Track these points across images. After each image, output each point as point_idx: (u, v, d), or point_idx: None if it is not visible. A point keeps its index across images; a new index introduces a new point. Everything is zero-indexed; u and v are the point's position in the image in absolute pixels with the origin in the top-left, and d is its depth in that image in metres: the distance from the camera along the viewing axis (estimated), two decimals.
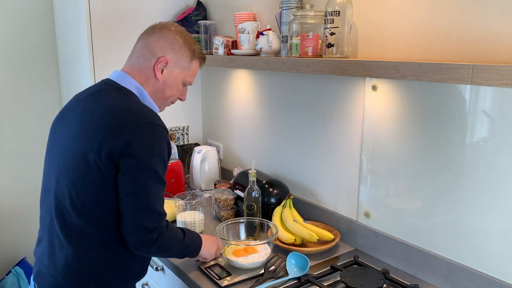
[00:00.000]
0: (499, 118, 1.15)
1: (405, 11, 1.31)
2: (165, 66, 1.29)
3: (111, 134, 1.14)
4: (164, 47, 1.29)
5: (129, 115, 1.16)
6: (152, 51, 1.29)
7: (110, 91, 1.25)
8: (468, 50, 1.17)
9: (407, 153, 1.39)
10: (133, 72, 1.29)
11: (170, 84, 1.32)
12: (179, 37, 1.31)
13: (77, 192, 1.17)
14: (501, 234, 1.18)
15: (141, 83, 1.28)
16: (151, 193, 1.16)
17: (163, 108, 1.37)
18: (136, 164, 1.14)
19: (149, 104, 1.29)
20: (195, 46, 1.35)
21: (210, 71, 2.37)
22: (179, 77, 1.33)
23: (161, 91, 1.31)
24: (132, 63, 1.31)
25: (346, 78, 1.56)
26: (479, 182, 1.21)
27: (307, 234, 1.54)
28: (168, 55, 1.29)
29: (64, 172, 1.19)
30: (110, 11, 2.10)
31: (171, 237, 1.23)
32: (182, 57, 1.31)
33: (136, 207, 1.15)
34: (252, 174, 1.66)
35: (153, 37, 1.30)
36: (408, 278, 1.38)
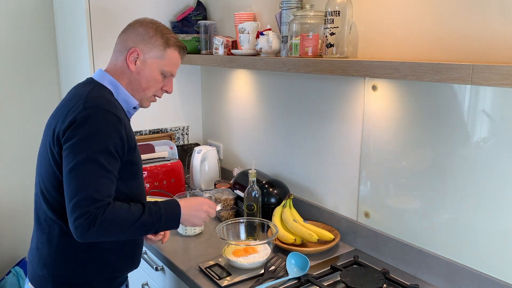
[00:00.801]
0: (499, 118, 1.15)
1: (405, 11, 1.31)
2: (138, 58, 1.30)
3: (62, 118, 1.18)
4: (135, 39, 1.31)
5: (79, 101, 1.18)
6: (124, 45, 1.32)
7: (81, 85, 1.30)
8: (468, 50, 1.17)
9: (407, 153, 1.39)
10: (111, 69, 1.33)
11: (146, 75, 1.31)
12: (149, 28, 1.32)
13: (44, 181, 1.23)
14: (501, 234, 1.18)
15: (116, 77, 1.31)
16: (82, 176, 1.11)
17: (146, 103, 1.37)
18: (72, 145, 1.13)
19: (125, 97, 1.31)
20: (170, 35, 1.34)
21: (210, 71, 2.37)
22: (154, 67, 1.32)
23: (137, 82, 1.31)
24: (111, 60, 1.35)
25: (346, 78, 1.56)
26: (479, 182, 1.21)
27: (307, 234, 1.54)
28: (138, 45, 1.30)
29: (40, 163, 1.27)
30: (110, 11, 2.10)
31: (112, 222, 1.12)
32: (154, 46, 1.31)
33: (68, 190, 1.12)
34: (252, 174, 1.66)
35: (127, 33, 1.33)
36: (408, 278, 1.38)
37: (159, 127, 2.36)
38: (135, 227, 1.17)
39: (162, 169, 2.01)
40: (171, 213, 1.25)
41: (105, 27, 2.09)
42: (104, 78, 1.30)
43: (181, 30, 2.24)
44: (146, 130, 2.32)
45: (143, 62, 1.31)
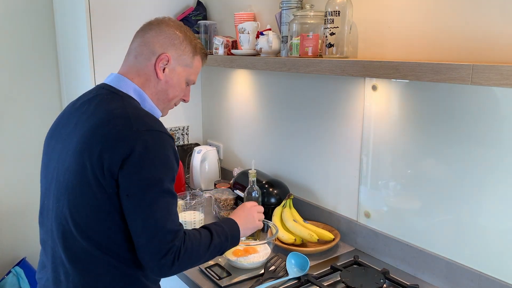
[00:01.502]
0: (499, 118, 1.15)
1: (405, 11, 1.31)
2: (167, 64, 1.17)
3: (109, 145, 1.01)
4: (164, 43, 1.17)
5: (127, 123, 1.04)
6: (151, 48, 1.17)
7: (106, 96, 1.12)
8: (468, 50, 1.17)
9: (407, 153, 1.39)
10: (132, 74, 1.17)
11: (173, 84, 1.20)
12: (179, 31, 1.20)
13: (79, 212, 1.04)
14: (501, 234, 1.18)
15: (141, 85, 1.17)
16: (159, 211, 1.02)
17: (166, 112, 1.26)
18: (139, 179, 1.01)
19: (151, 109, 1.18)
20: (196, 41, 1.24)
21: (210, 71, 2.37)
22: (182, 76, 1.21)
23: (164, 92, 1.20)
24: (130, 64, 1.19)
25: (346, 78, 1.56)
26: (479, 182, 1.21)
27: (307, 234, 1.54)
28: (169, 51, 1.17)
29: (64, 191, 1.07)
30: (110, 10, 2.10)
31: (192, 252, 1.07)
32: (184, 53, 1.20)
33: (144, 229, 1.01)
34: (252, 174, 1.66)
35: (151, 33, 1.18)
36: (408, 278, 1.38)
37: None
38: (209, 252, 1.13)
39: None
40: (233, 231, 1.21)
41: (105, 27, 2.09)
42: (129, 86, 1.15)
43: None
44: None
45: (173, 70, 1.19)
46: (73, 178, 1.05)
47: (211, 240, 1.13)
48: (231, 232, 1.20)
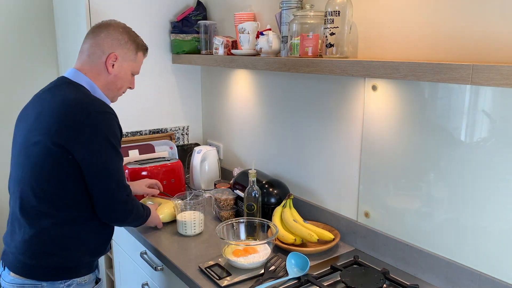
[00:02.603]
0: (499, 118, 1.15)
1: (405, 11, 1.31)
2: (115, 61, 1.45)
3: (65, 123, 1.28)
4: (112, 44, 1.45)
5: (78, 105, 1.32)
6: (102, 49, 1.44)
7: (63, 86, 1.40)
8: (468, 50, 1.17)
9: (407, 153, 1.39)
10: (85, 69, 1.44)
11: (121, 76, 1.49)
12: (123, 33, 1.48)
13: (36, 178, 1.31)
14: (501, 234, 1.18)
15: (93, 78, 1.44)
16: (115, 170, 1.35)
17: (115, 99, 1.54)
18: (94, 147, 1.30)
19: (100, 96, 1.44)
20: (138, 39, 1.52)
21: (210, 71, 2.37)
22: (128, 69, 1.50)
23: (113, 83, 1.48)
24: (83, 61, 1.46)
25: (346, 78, 1.56)
26: (479, 182, 1.21)
27: (307, 234, 1.54)
28: (116, 51, 1.45)
29: (25, 161, 1.34)
30: (110, 10, 2.10)
31: (138, 207, 1.47)
32: (128, 51, 1.48)
33: (105, 185, 1.33)
34: (252, 174, 1.66)
35: (101, 36, 1.45)
36: (408, 278, 1.38)
37: (159, 127, 2.36)
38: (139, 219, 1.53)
39: (162, 169, 2.01)
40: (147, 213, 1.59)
41: None
42: (82, 79, 1.43)
43: (181, 30, 2.24)
44: (146, 130, 2.32)
45: (120, 66, 1.47)
46: (33, 151, 1.31)
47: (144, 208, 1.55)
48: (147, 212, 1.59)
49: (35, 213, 1.32)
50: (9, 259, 1.37)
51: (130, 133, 2.25)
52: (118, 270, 2.13)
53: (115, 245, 2.10)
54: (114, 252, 2.13)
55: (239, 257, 1.42)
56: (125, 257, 2.01)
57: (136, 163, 2.02)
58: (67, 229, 1.34)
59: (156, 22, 2.25)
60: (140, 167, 1.97)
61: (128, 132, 2.25)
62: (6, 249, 1.40)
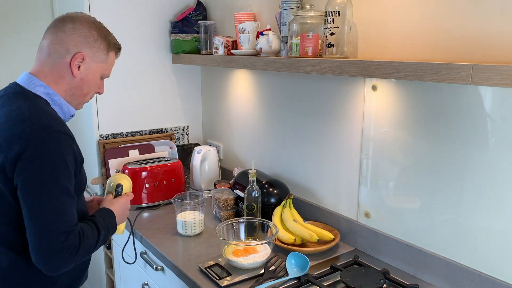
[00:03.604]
0: (499, 118, 1.15)
1: (405, 11, 1.31)
2: (82, 62, 1.20)
3: (4, 146, 1.05)
4: (78, 41, 1.19)
5: (23, 123, 1.06)
6: (65, 47, 1.18)
7: (11, 96, 1.15)
8: (468, 50, 1.17)
9: (407, 153, 1.39)
10: (43, 72, 1.19)
11: (88, 80, 1.23)
12: (92, 28, 1.22)
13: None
14: (501, 234, 1.18)
15: (53, 82, 1.19)
16: (52, 211, 1.04)
17: (80, 106, 1.29)
18: (31, 177, 1.03)
19: (62, 106, 1.20)
20: (110, 37, 1.27)
21: (210, 71, 2.37)
22: (97, 72, 1.25)
23: (79, 88, 1.23)
24: (42, 62, 1.20)
25: (346, 78, 1.56)
26: (479, 182, 1.21)
27: (307, 234, 1.54)
28: (83, 50, 1.19)
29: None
30: (110, 11, 2.10)
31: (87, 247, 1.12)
32: (98, 50, 1.23)
33: (37, 228, 1.03)
34: (252, 174, 1.66)
35: (65, 31, 1.19)
36: (408, 278, 1.38)
37: (159, 127, 2.36)
38: (98, 245, 1.19)
39: (162, 169, 2.01)
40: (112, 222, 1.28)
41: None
42: (36, 85, 1.17)
43: (181, 30, 2.24)
44: (146, 130, 2.32)
45: (88, 68, 1.22)
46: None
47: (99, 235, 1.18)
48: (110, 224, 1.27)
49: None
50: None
51: (130, 133, 2.26)
52: (118, 270, 2.13)
53: (115, 245, 2.10)
54: (114, 252, 2.13)
55: (239, 257, 1.42)
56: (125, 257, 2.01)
57: (136, 163, 2.02)
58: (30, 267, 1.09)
59: (156, 22, 2.25)
60: (140, 167, 1.97)
61: (128, 132, 2.25)
62: None
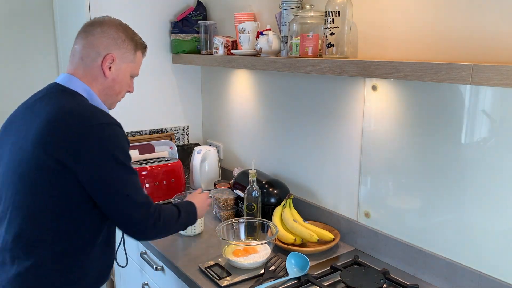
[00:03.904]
0: (499, 118, 1.15)
1: (405, 11, 1.31)
2: (112, 63, 1.29)
3: (63, 139, 1.11)
4: (108, 44, 1.28)
5: (80, 117, 1.15)
6: (96, 50, 1.28)
7: (56, 94, 1.23)
8: (468, 50, 1.17)
9: (407, 153, 1.39)
10: (79, 74, 1.28)
11: (120, 80, 1.33)
12: (120, 30, 1.31)
13: (27, 201, 1.14)
14: (501, 234, 1.18)
15: (88, 83, 1.28)
16: (124, 187, 1.17)
17: (113, 106, 1.38)
18: (99, 166, 1.13)
19: (98, 105, 1.28)
20: (136, 37, 1.36)
21: (210, 71, 2.37)
22: (126, 71, 1.34)
23: (111, 88, 1.32)
24: (76, 65, 1.29)
25: (346, 78, 1.56)
26: (479, 182, 1.21)
27: (307, 234, 1.54)
28: (113, 51, 1.29)
29: (17, 182, 1.15)
30: (110, 11, 2.10)
31: (166, 219, 1.27)
32: (127, 51, 1.32)
33: (118, 206, 1.17)
34: (252, 174, 1.66)
35: (94, 35, 1.28)
36: (408, 278, 1.38)
37: (159, 127, 2.36)
38: (178, 224, 1.34)
39: (162, 169, 2.01)
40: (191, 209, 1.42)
41: None
42: (77, 84, 1.26)
43: (181, 30, 2.24)
44: (146, 130, 2.32)
45: (118, 68, 1.31)
46: (25, 171, 1.14)
47: (179, 215, 1.34)
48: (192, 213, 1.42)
49: (31, 242, 1.15)
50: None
51: (130, 133, 2.25)
52: (118, 270, 2.13)
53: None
54: None
55: (239, 257, 1.42)
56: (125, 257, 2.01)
57: (136, 163, 2.02)
58: (69, 260, 1.18)
59: (156, 22, 2.25)
60: (140, 167, 1.97)
61: (128, 132, 2.25)
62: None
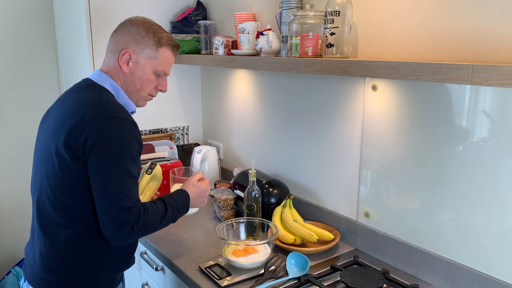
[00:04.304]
0: (499, 118, 1.15)
1: (405, 11, 1.31)
2: (130, 58, 1.31)
3: (75, 128, 1.17)
4: (126, 39, 1.32)
5: (93, 109, 1.19)
6: (116, 45, 1.33)
7: (83, 88, 1.29)
8: (468, 50, 1.17)
9: (407, 153, 1.39)
10: (107, 70, 1.34)
11: (139, 76, 1.33)
12: (141, 27, 1.33)
13: (50, 185, 1.22)
14: (501, 234, 1.18)
15: (114, 79, 1.32)
16: (117, 188, 1.17)
17: (142, 102, 1.39)
18: (100, 158, 1.16)
19: (125, 102, 1.32)
20: (162, 34, 1.35)
21: (210, 71, 2.37)
22: (147, 67, 1.33)
23: (131, 83, 1.33)
24: (106, 61, 1.36)
25: (346, 78, 1.56)
26: (479, 182, 1.21)
27: (307, 234, 1.54)
28: (130, 46, 1.31)
29: (43, 167, 1.25)
30: (110, 11, 2.10)
31: (147, 224, 1.23)
32: (146, 46, 1.32)
33: (103, 203, 1.18)
34: (252, 174, 1.66)
35: (118, 33, 1.34)
36: (408, 278, 1.38)
37: (159, 127, 2.36)
38: (162, 223, 1.29)
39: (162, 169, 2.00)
40: (184, 204, 1.39)
41: (105, 27, 2.09)
42: (105, 80, 1.32)
43: (181, 30, 2.24)
44: (146, 130, 2.31)
45: (136, 63, 1.32)
46: (48, 157, 1.22)
47: (165, 212, 1.30)
48: (182, 204, 1.38)
49: (51, 223, 1.24)
50: (28, 272, 1.30)
51: None
52: None
53: None
54: None
55: (239, 257, 1.42)
56: None
57: None
58: (84, 243, 1.24)
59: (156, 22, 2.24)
60: None
61: None
62: (26, 261, 1.33)
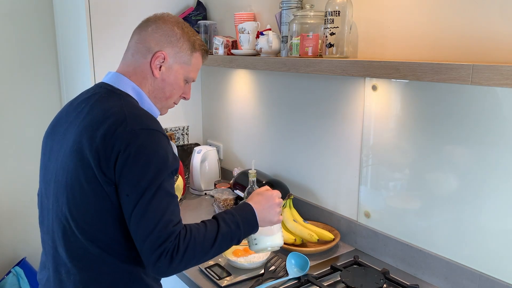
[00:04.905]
0: (499, 118, 1.15)
1: (405, 11, 1.31)
2: (163, 62, 1.15)
3: (104, 145, 1.00)
4: (160, 40, 1.15)
5: (122, 122, 1.02)
6: (147, 46, 1.14)
7: (104, 95, 1.11)
8: (468, 50, 1.17)
9: (407, 153, 1.39)
10: (129, 72, 1.15)
11: (170, 82, 1.17)
12: (176, 28, 1.17)
13: (78, 211, 1.04)
14: (501, 234, 1.18)
15: (138, 83, 1.15)
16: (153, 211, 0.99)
17: (165, 110, 1.23)
18: (133, 179, 0.99)
19: (149, 107, 1.16)
20: (195, 37, 1.20)
21: (210, 71, 2.37)
22: (179, 73, 1.18)
23: (161, 90, 1.17)
24: (127, 62, 1.17)
25: (346, 78, 1.56)
26: (479, 182, 1.21)
27: (307, 234, 1.54)
28: (165, 49, 1.15)
29: (63, 191, 1.06)
30: (110, 10, 2.10)
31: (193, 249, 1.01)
32: (181, 51, 1.17)
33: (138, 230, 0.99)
34: (252, 174, 1.66)
35: (148, 30, 1.16)
36: (408, 278, 1.38)
37: None
38: (217, 244, 1.05)
39: None
40: (247, 217, 1.13)
41: (105, 27, 2.09)
42: (126, 85, 1.13)
43: None
44: None
45: (169, 68, 1.16)
46: (71, 178, 1.04)
47: (218, 231, 1.06)
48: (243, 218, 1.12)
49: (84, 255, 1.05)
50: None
51: None
52: None
53: None
54: None
55: (239, 257, 1.42)
56: None
57: None
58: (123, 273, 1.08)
59: None
60: None
61: None
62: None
